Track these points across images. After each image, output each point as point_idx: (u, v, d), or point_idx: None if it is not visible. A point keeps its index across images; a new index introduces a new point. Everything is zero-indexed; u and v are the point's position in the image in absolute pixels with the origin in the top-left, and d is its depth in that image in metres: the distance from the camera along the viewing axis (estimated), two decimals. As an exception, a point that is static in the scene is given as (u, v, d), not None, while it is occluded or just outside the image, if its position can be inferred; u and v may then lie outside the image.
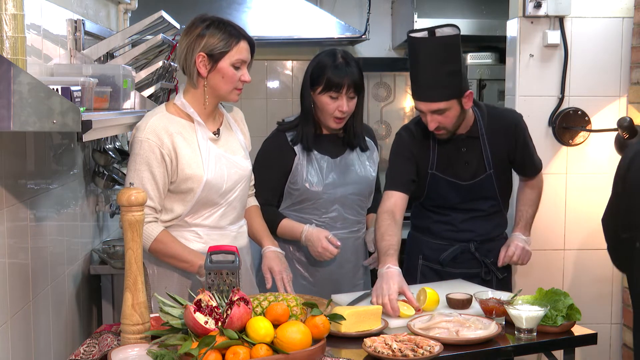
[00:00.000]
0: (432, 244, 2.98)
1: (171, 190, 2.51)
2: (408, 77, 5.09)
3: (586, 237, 3.59)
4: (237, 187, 2.60)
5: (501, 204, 2.98)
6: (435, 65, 2.69)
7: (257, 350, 1.94)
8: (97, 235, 3.52)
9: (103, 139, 3.32)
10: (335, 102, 2.83)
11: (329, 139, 2.97)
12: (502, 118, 2.95)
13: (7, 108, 1.82)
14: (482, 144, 2.88)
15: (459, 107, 2.75)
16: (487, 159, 2.88)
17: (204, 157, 2.50)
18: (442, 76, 2.69)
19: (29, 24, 2.42)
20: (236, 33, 2.49)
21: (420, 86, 2.76)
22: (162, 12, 3.12)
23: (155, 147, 2.45)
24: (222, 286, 2.27)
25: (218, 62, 2.46)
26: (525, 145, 2.96)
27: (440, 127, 2.77)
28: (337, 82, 2.81)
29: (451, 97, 2.71)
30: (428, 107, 2.73)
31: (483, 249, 2.95)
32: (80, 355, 2.19)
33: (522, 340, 2.30)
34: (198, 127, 2.53)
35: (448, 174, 2.89)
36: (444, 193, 2.91)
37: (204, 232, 2.56)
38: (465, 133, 2.87)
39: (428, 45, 2.71)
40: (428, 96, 2.72)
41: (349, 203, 2.95)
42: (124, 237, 2.11)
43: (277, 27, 4.61)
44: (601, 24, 3.51)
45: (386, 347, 2.13)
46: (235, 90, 2.52)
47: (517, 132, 2.93)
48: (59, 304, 2.84)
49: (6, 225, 2.27)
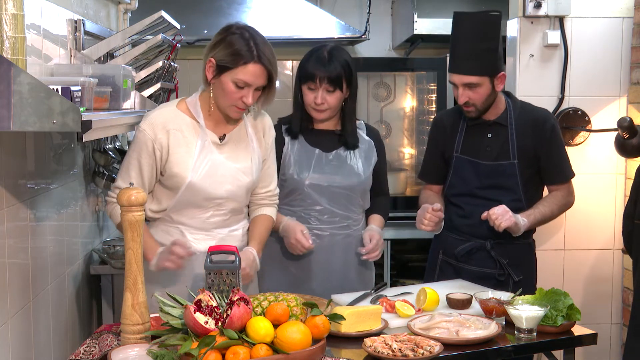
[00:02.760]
0: (451, 238, 3.01)
1: (161, 182, 2.55)
2: (408, 77, 5.12)
3: (586, 237, 3.59)
4: (229, 195, 2.57)
5: (524, 202, 2.94)
6: (474, 40, 2.85)
7: (257, 350, 1.94)
8: (97, 235, 3.52)
9: (103, 139, 3.32)
10: (312, 93, 2.88)
11: (324, 134, 2.98)
12: (535, 112, 3.01)
13: (7, 108, 1.82)
14: (510, 132, 2.93)
15: (491, 85, 2.86)
16: (512, 148, 2.92)
17: (197, 160, 2.50)
18: (479, 51, 2.83)
19: (29, 24, 2.42)
20: (251, 55, 2.41)
21: (456, 59, 2.89)
22: (162, 12, 3.12)
23: (148, 139, 2.49)
24: (222, 286, 2.27)
25: (221, 75, 2.45)
26: (555, 146, 2.97)
27: (469, 103, 2.88)
28: (312, 73, 2.86)
29: (484, 73, 2.83)
30: (461, 79, 2.85)
31: (500, 248, 2.94)
32: (80, 355, 2.19)
33: (522, 340, 2.30)
34: (201, 129, 2.53)
35: (470, 155, 2.97)
36: (465, 175, 2.97)
37: (188, 231, 2.57)
38: (493, 119, 2.95)
39: (470, 21, 2.88)
40: (462, 68, 2.85)
41: (336, 197, 2.93)
42: (124, 237, 2.11)
43: (277, 27, 4.61)
44: (601, 24, 3.51)
45: (386, 347, 2.13)
46: (235, 107, 2.48)
47: (546, 129, 2.95)
48: (59, 304, 2.84)
49: (6, 225, 2.27)
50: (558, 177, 3.02)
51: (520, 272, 2.96)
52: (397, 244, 4.48)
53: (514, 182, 2.93)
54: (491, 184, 2.94)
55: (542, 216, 2.94)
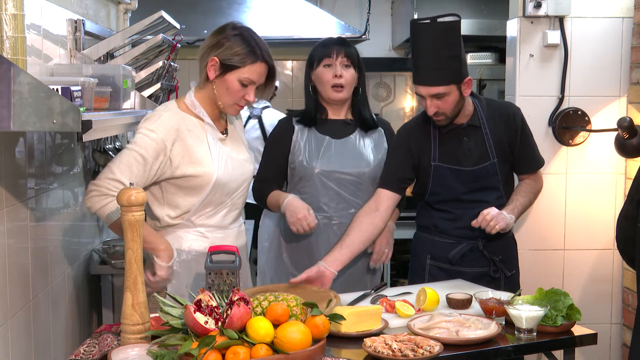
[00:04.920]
0: (439, 243, 2.98)
1: (178, 185, 2.51)
2: (408, 77, 5.12)
3: (586, 237, 3.59)
4: (242, 187, 2.63)
5: (505, 197, 2.96)
6: (436, 49, 2.76)
7: (257, 350, 1.94)
8: (97, 235, 3.52)
9: (103, 139, 3.32)
10: (330, 70, 2.94)
11: (335, 123, 3.03)
12: (501, 107, 3.01)
13: (7, 108, 1.82)
14: (484, 132, 2.92)
15: (458, 92, 2.81)
16: (490, 147, 2.91)
17: (214, 156, 2.51)
18: (442, 60, 2.76)
19: (29, 24, 2.42)
20: (256, 54, 2.47)
21: (420, 70, 2.83)
22: (162, 12, 3.12)
23: (160, 139, 2.44)
24: (222, 286, 2.27)
25: (227, 73, 2.47)
26: (526, 136, 2.98)
27: (439, 113, 2.83)
28: (328, 51, 2.96)
29: (451, 82, 2.77)
30: (428, 90, 2.79)
31: (491, 246, 2.95)
32: (80, 355, 2.19)
33: (522, 340, 2.30)
34: (208, 127, 2.53)
35: (451, 163, 2.92)
36: (449, 183, 2.93)
37: (209, 232, 2.57)
38: (466, 122, 2.92)
39: (429, 30, 2.79)
40: (428, 80, 2.79)
41: (345, 184, 2.96)
42: (124, 237, 2.11)
43: (277, 27, 4.62)
44: (601, 24, 3.51)
45: (386, 347, 2.13)
46: (236, 105, 2.53)
47: (517, 122, 2.96)
48: (59, 304, 2.84)
49: (6, 225, 2.27)
50: (531, 167, 3.04)
51: (512, 267, 2.99)
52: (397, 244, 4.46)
53: (496, 180, 2.93)
54: (476, 187, 2.93)
55: (522, 207, 2.96)
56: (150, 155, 2.43)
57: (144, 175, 2.45)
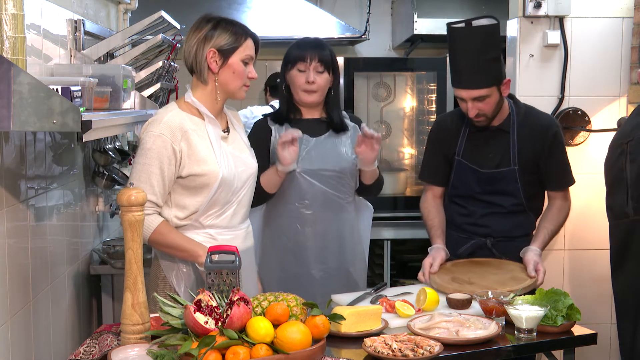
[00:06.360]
0: (453, 236, 3.03)
1: (184, 185, 2.50)
2: (408, 77, 5.12)
3: (586, 237, 3.59)
4: (247, 184, 2.62)
5: (525, 206, 2.97)
6: (477, 53, 2.79)
7: (257, 350, 1.94)
8: (97, 235, 3.52)
9: (103, 139, 3.32)
10: (303, 74, 2.92)
11: (309, 122, 3.01)
12: (538, 118, 3.00)
13: (7, 108, 1.82)
14: (512, 138, 2.93)
15: (498, 93, 2.85)
16: (513, 154, 2.92)
17: (217, 154, 2.51)
18: (483, 63, 2.79)
19: (29, 24, 2.43)
20: (242, 31, 2.54)
21: (461, 73, 2.85)
22: (162, 12, 3.12)
23: (168, 143, 2.43)
24: (222, 286, 2.27)
25: (229, 58, 2.50)
26: (557, 152, 2.96)
27: (480, 114, 2.87)
28: (302, 54, 2.94)
29: (492, 84, 2.81)
30: (470, 94, 2.82)
31: (500, 246, 2.96)
32: (80, 355, 2.19)
33: (522, 340, 2.30)
34: (210, 125, 2.53)
35: (471, 162, 2.96)
36: (467, 180, 2.98)
37: (218, 233, 2.56)
38: (496, 125, 2.94)
39: (469, 35, 2.82)
40: (470, 83, 2.82)
41: (327, 180, 2.95)
42: (124, 237, 2.11)
43: (277, 27, 4.62)
44: (601, 24, 3.51)
45: (386, 347, 2.13)
46: (244, 86, 2.57)
47: (549, 136, 2.94)
48: (59, 304, 2.84)
49: (6, 225, 2.27)
50: (557, 184, 3.02)
51: None
52: (397, 244, 4.48)
53: (515, 187, 2.94)
54: (492, 189, 2.96)
55: (550, 236, 2.97)
56: (164, 162, 2.43)
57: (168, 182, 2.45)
